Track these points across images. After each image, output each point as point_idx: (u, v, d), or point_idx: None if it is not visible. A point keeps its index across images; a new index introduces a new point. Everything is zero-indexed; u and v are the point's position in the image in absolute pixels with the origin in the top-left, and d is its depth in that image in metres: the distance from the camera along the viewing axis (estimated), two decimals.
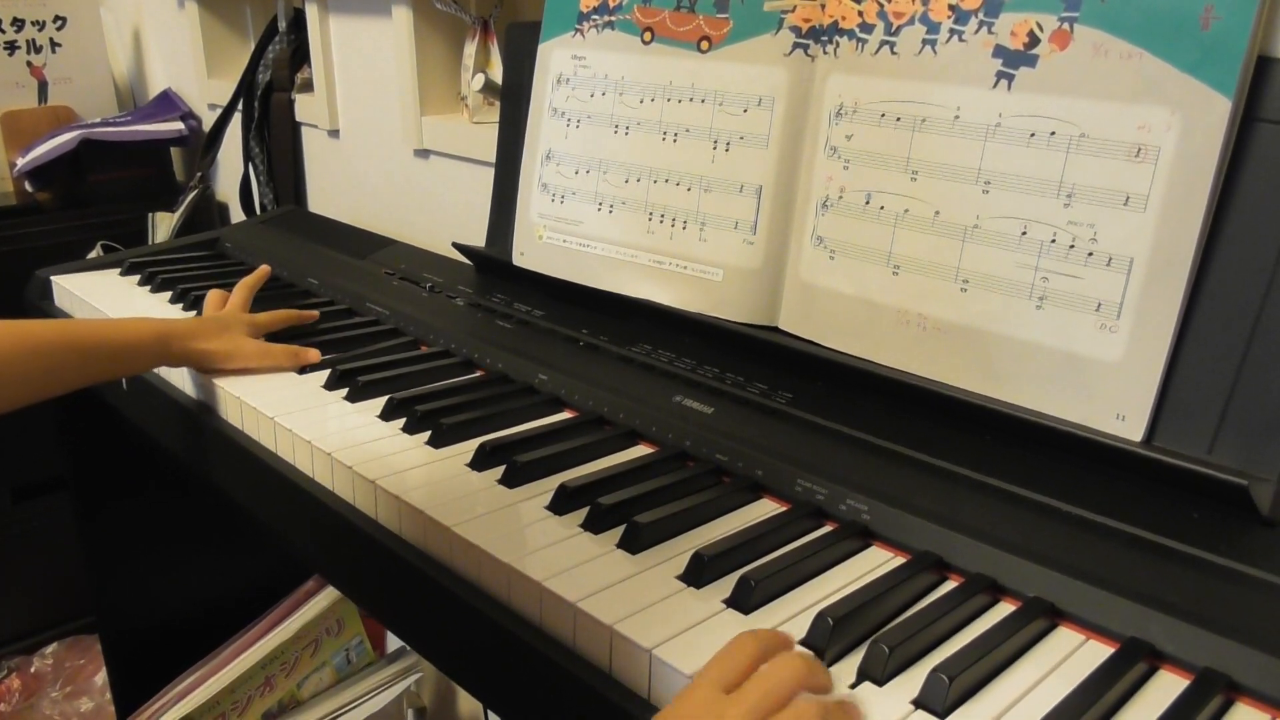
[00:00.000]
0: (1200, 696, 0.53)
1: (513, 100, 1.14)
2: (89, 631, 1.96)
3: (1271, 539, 0.63)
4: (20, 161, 1.86)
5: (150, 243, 1.84)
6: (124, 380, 1.10)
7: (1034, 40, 0.74)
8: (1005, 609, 0.62)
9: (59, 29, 2.01)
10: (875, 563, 0.67)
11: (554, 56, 1.07)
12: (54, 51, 2.01)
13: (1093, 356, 0.72)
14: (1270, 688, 0.54)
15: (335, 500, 0.80)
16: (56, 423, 1.44)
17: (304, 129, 1.74)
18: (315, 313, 1.12)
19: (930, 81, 0.80)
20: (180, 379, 1.03)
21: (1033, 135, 0.74)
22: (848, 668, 0.56)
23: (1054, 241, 0.74)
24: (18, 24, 1.96)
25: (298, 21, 1.65)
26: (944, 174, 0.79)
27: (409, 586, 0.73)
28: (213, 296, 1.10)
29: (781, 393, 0.85)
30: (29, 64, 1.99)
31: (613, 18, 1.02)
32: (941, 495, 0.70)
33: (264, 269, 1.18)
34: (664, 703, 0.56)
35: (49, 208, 1.87)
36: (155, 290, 1.28)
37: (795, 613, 0.61)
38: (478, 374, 0.98)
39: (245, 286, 1.12)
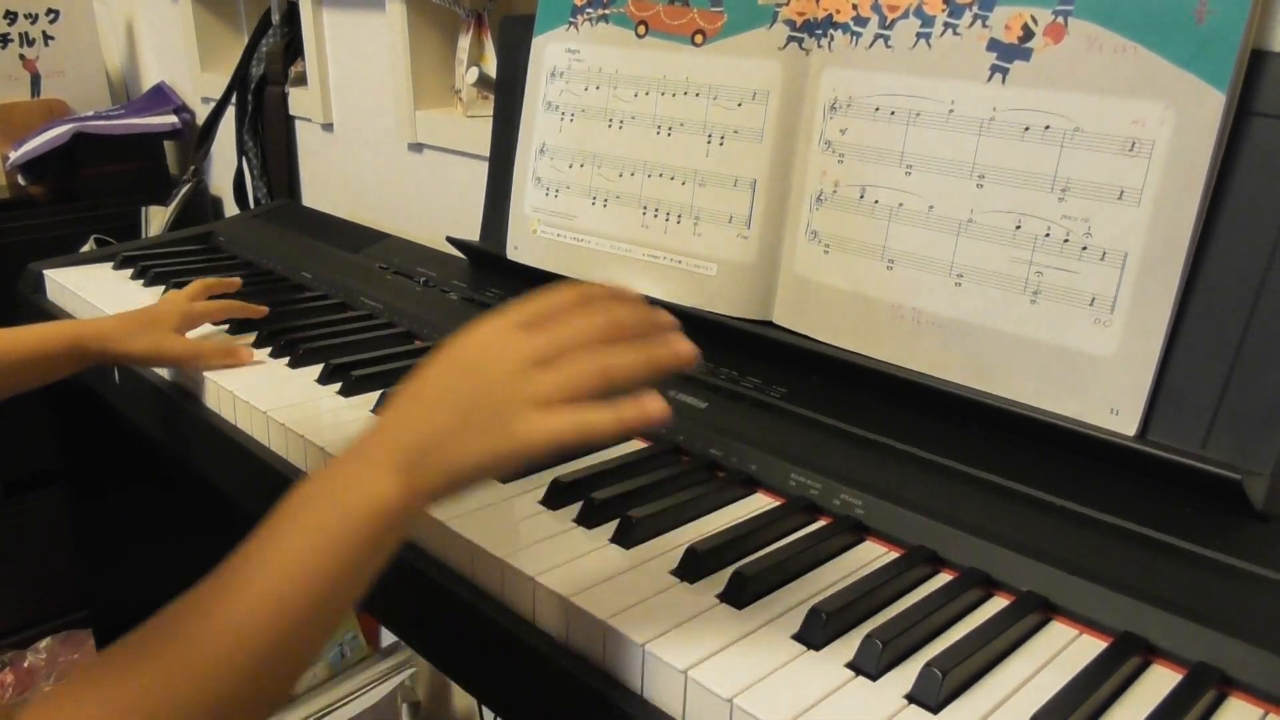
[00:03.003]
0: (1194, 691, 0.54)
1: (507, 94, 1.14)
2: (82, 626, 1.96)
3: (1265, 533, 0.64)
4: (13, 155, 1.85)
5: (143, 236, 1.84)
6: (116, 373, 1.10)
7: (1028, 34, 0.74)
8: (999, 603, 0.62)
9: (52, 22, 2.00)
10: (869, 557, 0.67)
11: (548, 50, 1.07)
12: (47, 45, 2.01)
13: (1086, 351, 0.72)
14: (1264, 682, 0.54)
15: None
16: (48, 416, 1.43)
17: (298, 123, 1.73)
18: (264, 308, 1.08)
19: (924, 75, 0.80)
20: (171, 371, 1.03)
21: (1027, 129, 0.74)
22: (841, 662, 0.56)
23: (1048, 236, 0.74)
24: (10, 17, 1.95)
25: (291, 15, 1.64)
26: (938, 168, 0.79)
27: (402, 581, 0.73)
28: (193, 286, 1.07)
29: (775, 387, 0.85)
30: (22, 57, 1.99)
31: (607, 11, 1.01)
32: (935, 490, 0.70)
33: (235, 281, 1.12)
34: (657, 697, 0.56)
35: (42, 201, 1.86)
36: (148, 284, 1.27)
37: (789, 607, 0.61)
38: None
39: (203, 283, 1.07)
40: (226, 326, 1.09)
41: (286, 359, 1.01)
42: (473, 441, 0.50)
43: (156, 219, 1.85)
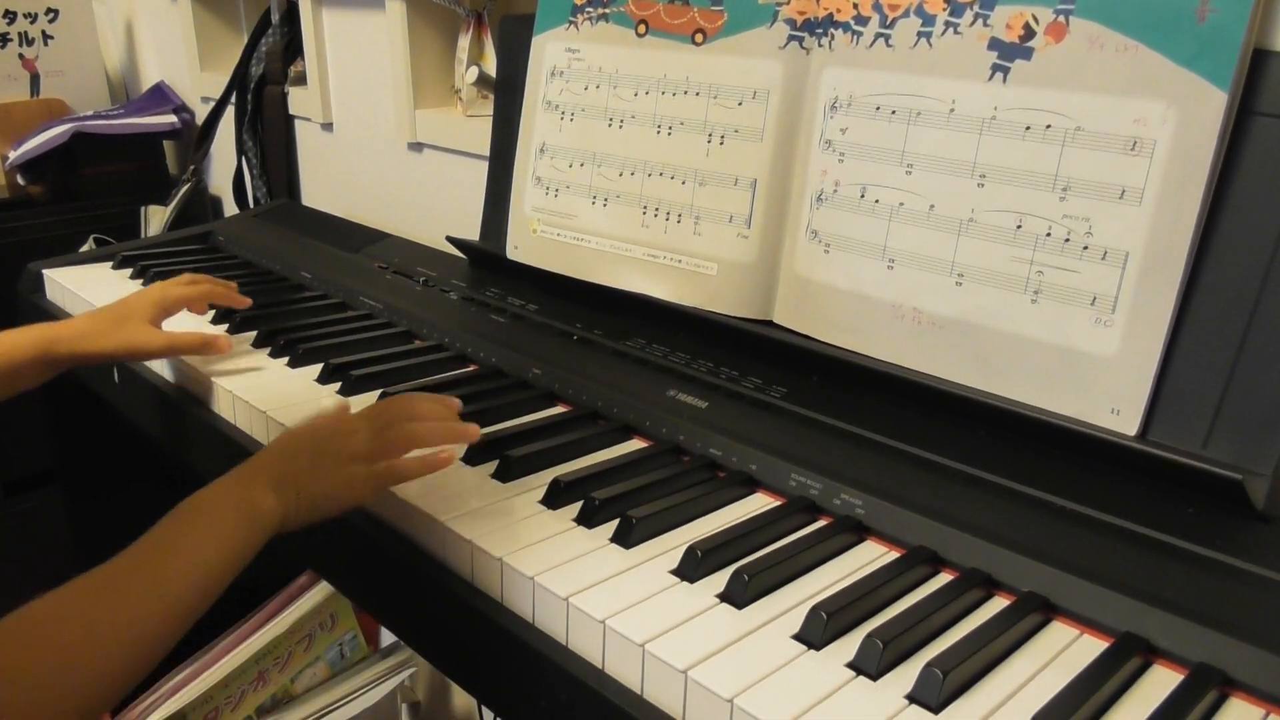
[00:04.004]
0: (1195, 691, 0.53)
1: (507, 93, 1.13)
2: None
3: (1266, 534, 0.63)
4: (12, 154, 1.85)
5: (143, 236, 1.84)
6: (115, 373, 1.10)
7: (1029, 33, 0.74)
8: (999, 604, 0.62)
9: (51, 21, 2.00)
10: (869, 557, 0.67)
11: (548, 49, 1.07)
12: (46, 44, 2.01)
13: (1088, 350, 0.72)
14: (1265, 683, 0.54)
15: None
16: (49, 416, 1.43)
17: (297, 122, 1.73)
18: (247, 299, 1.08)
19: (925, 74, 0.79)
20: (171, 372, 1.03)
21: (1028, 128, 0.74)
22: (842, 662, 0.56)
23: (1049, 235, 0.73)
24: (9, 16, 1.95)
25: (291, 14, 1.64)
26: (939, 167, 0.79)
27: (401, 581, 0.73)
28: (179, 278, 1.06)
29: (776, 387, 0.85)
30: (21, 57, 1.99)
31: (607, 10, 1.01)
32: (936, 490, 0.70)
33: (232, 286, 1.10)
34: (658, 697, 0.56)
35: (41, 201, 1.86)
36: (148, 283, 1.27)
37: (789, 607, 0.61)
38: (471, 368, 0.98)
39: (190, 277, 1.06)
40: (225, 326, 1.09)
41: (286, 359, 1.00)
42: (324, 477, 0.70)
43: (156, 219, 1.85)
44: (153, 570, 0.63)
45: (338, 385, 0.93)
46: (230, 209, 1.90)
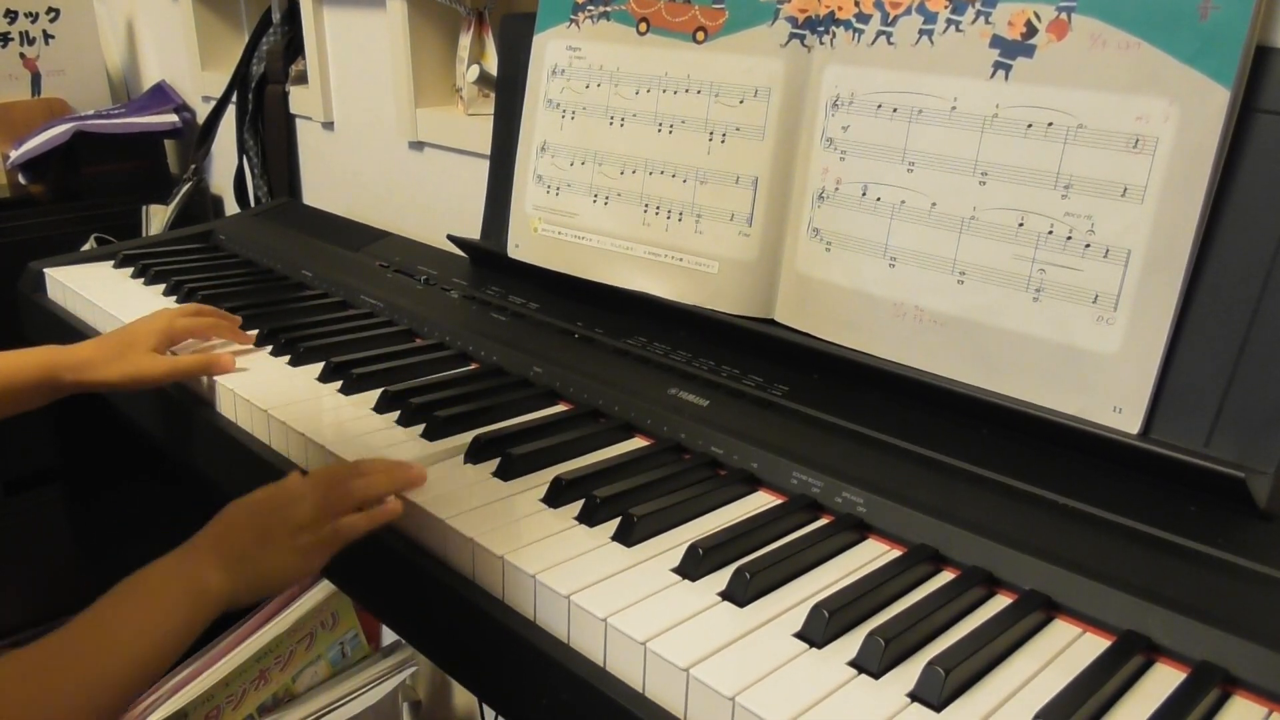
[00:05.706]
0: (1197, 689, 0.53)
1: (508, 92, 1.13)
2: None
3: (1268, 532, 0.63)
4: (13, 154, 1.85)
5: (144, 235, 1.84)
6: None
7: (1032, 30, 0.74)
8: (1001, 602, 0.62)
9: (52, 21, 2.00)
10: (871, 555, 0.67)
11: (549, 48, 1.06)
12: (47, 43, 2.00)
13: (1090, 349, 0.72)
14: (1267, 681, 0.54)
15: None
16: (49, 415, 1.43)
17: (298, 121, 1.73)
18: (251, 335, 1.05)
19: (927, 72, 0.79)
20: None
21: (1030, 126, 0.74)
22: (844, 660, 0.56)
23: (1051, 233, 0.73)
24: (10, 15, 1.95)
25: (292, 13, 1.64)
26: (941, 165, 0.79)
27: (403, 579, 0.73)
28: (185, 306, 1.06)
29: (777, 385, 0.85)
30: (22, 56, 1.98)
31: (608, 8, 1.01)
32: (938, 488, 0.70)
33: (235, 319, 1.07)
34: (661, 697, 0.56)
35: (42, 200, 1.86)
36: (149, 283, 1.27)
37: (791, 605, 0.61)
38: (472, 366, 0.98)
39: (197, 307, 1.05)
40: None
41: (287, 357, 1.00)
42: (272, 552, 0.70)
43: (157, 217, 1.85)
44: (95, 649, 0.62)
45: (339, 384, 0.93)
46: (231, 208, 1.90)
